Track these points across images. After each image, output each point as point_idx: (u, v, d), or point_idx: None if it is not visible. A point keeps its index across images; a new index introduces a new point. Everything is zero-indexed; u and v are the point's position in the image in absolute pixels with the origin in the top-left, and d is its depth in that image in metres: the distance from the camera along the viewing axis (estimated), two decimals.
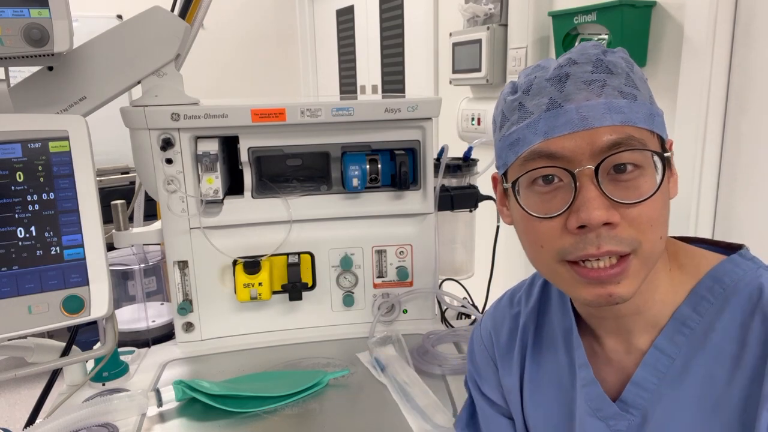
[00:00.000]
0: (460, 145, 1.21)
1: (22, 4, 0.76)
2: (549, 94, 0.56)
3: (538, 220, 0.56)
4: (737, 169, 1.49)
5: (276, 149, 1.09)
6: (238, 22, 4.03)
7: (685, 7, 1.47)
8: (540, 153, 0.56)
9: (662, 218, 0.55)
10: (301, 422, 0.87)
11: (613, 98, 0.54)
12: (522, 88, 0.59)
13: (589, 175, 0.53)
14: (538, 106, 0.56)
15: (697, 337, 0.57)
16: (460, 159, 1.21)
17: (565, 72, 0.56)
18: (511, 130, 0.59)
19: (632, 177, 0.54)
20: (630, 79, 0.56)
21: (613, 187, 0.54)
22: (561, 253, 0.56)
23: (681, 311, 0.58)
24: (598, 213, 0.52)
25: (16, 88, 0.91)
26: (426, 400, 0.88)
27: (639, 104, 0.55)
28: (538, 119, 0.56)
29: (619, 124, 0.53)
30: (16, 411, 2.76)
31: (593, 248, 0.53)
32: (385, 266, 1.17)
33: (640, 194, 0.53)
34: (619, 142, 0.53)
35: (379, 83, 3.34)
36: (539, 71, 0.59)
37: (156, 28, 0.96)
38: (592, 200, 0.52)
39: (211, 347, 1.12)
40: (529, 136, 0.57)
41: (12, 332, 0.75)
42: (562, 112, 0.55)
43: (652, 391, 0.58)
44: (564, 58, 0.58)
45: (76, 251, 0.78)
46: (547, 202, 0.56)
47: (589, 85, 0.55)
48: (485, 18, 2.18)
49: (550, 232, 0.56)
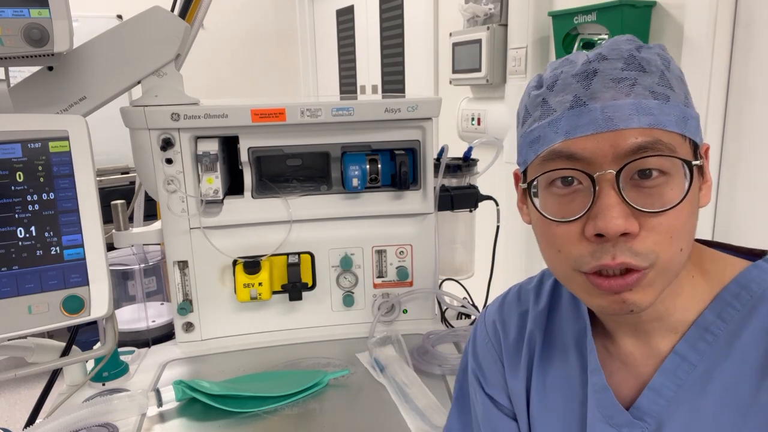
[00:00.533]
0: (460, 145, 1.21)
1: (22, 4, 0.76)
2: (574, 91, 0.53)
3: (555, 223, 0.54)
4: (737, 169, 1.49)
5: (276, 149, 1.09)
6: (238, 22, 4.04)
7: (685, 7, 1.48)
8: (560, 153, 0.53)
9: (686, 229, 0.52)
10: (301, 422, 0.87)
11: (643, 98, 0.51)
12: (547, 82, 0.56)
13: (610, 180, 0.50)
14: (562, 104, 0.53)
15: (721, 344, 0.54)
16: (460, 159, 1.21)
17: (593, 68, 0.53)
18: (532, 126, 0.56)
19: (657, 184, 0.50)
20: (664, 78, 0.52)
21: (636, 194, 0.50)
22: (577, 263, 0.53)
23: (705, 317, 0.56)
24: (616, 222, 0.49)
25: (16, 88, 0.91)
26: (425, 400, 0.88)
27: (671, 106, 0.52)
28: (560, 117, 0.53)
29: (647, 127, 0.50)
30: (16, 411, 2.76)
31: (608, 258, 0.51)
32: (385, 266, 1.17)
33: (663, 203, 0.50)
34: (645, 146, 0.50)
35: (379, 83, 3.34)
36: (567, 65, 0.56)
37: (156, 28, 0.96)
38: (612, 208, 0.50)
39: (211, 347, 1.12)
40: (549, 135, 0.54)
41: (12, 332, 0.75)
42: (585, 111, 0.52)
43: (669, 398, 0.56)
44: (594, 52, 0.54)
45: (76, 251, 0.78)
46: (565, 205, 0.54)
47: (618, 84, 0.51)
48: (485, 18, 2.18)
49: (567, 237, 0.53)
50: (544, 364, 0.67)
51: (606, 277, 0.52)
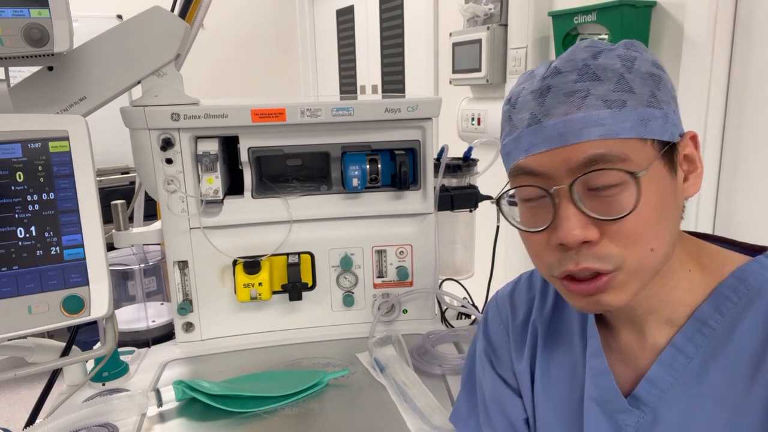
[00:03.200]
0: (460, 145, 1.21)
1: (22, 4, 0.76)
2: (530, 108, 0.55)
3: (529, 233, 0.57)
4: (737, 169, 1.49)
5: (276, 149, 1.09)
6: (238, 22, 4.04)
7: (685, 7, 1.48)
8: (522, 170, 0.56)
9: (651, 231, 0.53)
10: (301, 422, 0.87)
11: (594, 110, 0.52)
12: (512, 99, 0.59)
13: (566, 192, 0.53)
14: (522, 121, 0.56)
15: (718, 338, 0.55)
16: (460, 159, 1.21)
17: (546, 84, 0.55)
18: (504, 141, 0.60)
19: (613, 193, 0.52)
20: (623, 82, 0.53)
21: (593, 203, 0.52)
22: (549, 268, 0.57)
23: (702, 310, 0.57)
24: (574, 232, 0.52)
25: (16, 88, 0.91)
26: (424, 400, 0.88)
27: (628, 111, 0.52)
28: (520, 135, 0.56)
29: (598, 138, 0.51)
30: (16, 411, 2.76)
31: (572, 264, 0.54)
32: (385, 266, 1.17)
33: (621, 209, 0.51)
34: (594, 159, 0.51)
35: (379, 83, 3.34)
36: (528, 81, 0.58)
37: (156, 28, 0.96)
38: (569, 219, 0.52)
39: (211, 347, 1.12)
40: (514, 152, 0.57)
41: (12, 332, 0.75)
42: (540, 129, 0.54)
43: (666, 389, 0.57)
44: (552, 66, 0.56)
45: (76, 251, 0.78)
46: (534, 216, 0.57)
47: (569, 98, 0.53)
48: (485, 18, 2.18)
49: (539, 245, 0.56)
50: (549, 348, 0.69)
51: (578, 282, 0.55)
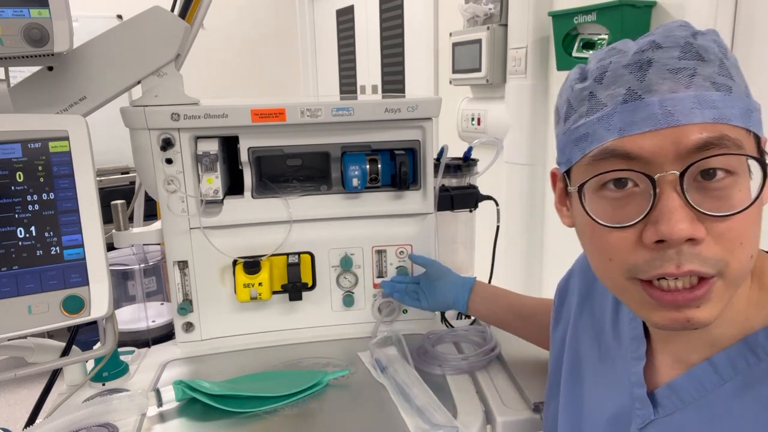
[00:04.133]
0: (460, 145, 1.21)
1: (22, 4, 0.76)
2: (627, 83, 0.48)
3: (608, 229, 0.49)
4: None
5: (276, 149, 1.09)
6: (238, 22, 4.04)
7: (685, 7, 1.48)
8: (613, 152, 0.48)
9: (755, 233, 0.47)
10: (301, 422, 0.87)
11: (705, 90, 0.46)
12: (593, 75, 0.51)
13: (673, 181, 0.45)
14: (613, 98, 0.48)
15: (761, 371, 0.49)
16: (460, 159, 1.21)
17: (647, 58, 0.47)
18: (578, 123, 0.51)
19: (724, 185, 0.46)
20: (724, 67, 0.48)
21: (701, 196, 0.46)
22: (632, 270, 0.48)
23: (756, 337, 0.50)
24: (681, 227, 0.44)
25: (16, 88, 0.91)
26: (425, 399, 0.88)
27: (734, 97, 0.47)
28: (612, 113, 0.48)
29: (711, 122, 0.45)
30: (16, 411, 2.76)
31: (672, 267, 0.46)
32: (385, 266, 1.17)
33: (731, 206, 0.45)
34: (710, 142, 0.45)
35: (379, 83, 3.34)
36: (615, 55, 0.50)
37: (156, 28, 0.96)
38: (675, 211, 0.45)
39: (211, 347, 1.12)
40: (600, 132, 0.48)
41: (12, 332, 0.75)
42: (642, 106, 0.46)
43: (687, 402, 0.53)
44: (645, 40, 0.49)
45: (76, 251, 0.78)
46: (618, 209, 0.49)
47: (675, 74, 0.46)
48: (485, 18, 2.18)
49: (621, 245, 0.48)
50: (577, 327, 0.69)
51: (667, 291, 0.47)
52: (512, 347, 1.03)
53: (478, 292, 1.01)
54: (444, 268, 1.09)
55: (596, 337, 0.68)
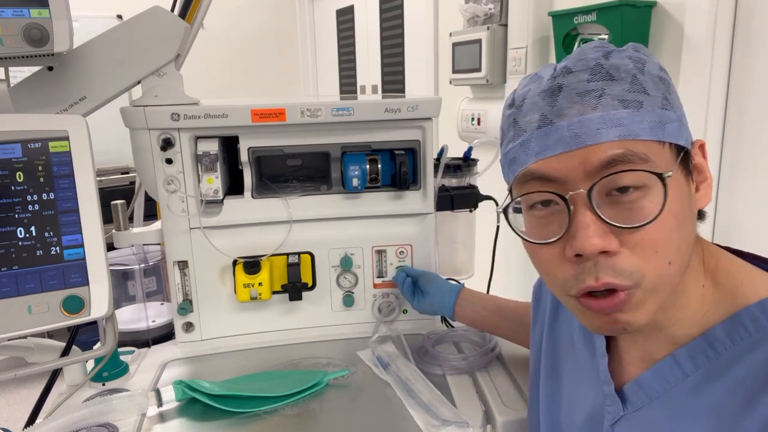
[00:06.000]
0: (460, 145, 1.21)
1: (22, 4, 0.76)
2: (541, 109, 0.52)
3: (538, 245, 0.53)
4: (737, 169, 1.49)
5: (276, 149, 1.09)
6: (238, 22, 4.04)
7: (685, 7, 1.48)
8: (533, 175, 0.52)
9: (673, 241, 0.50)
10: (301, 422, 0.87)
11: (612, 109, 0.49)
12: (517, 101, 0.55)
13: (583, 198, 0.49)
14: (530, 123, 0.52)
15: (721, 364, 0.51)
16: (460, 159, 1.21)
17: (557, 84, 0.51)
18: (508, 147, 0.56)
19: (634, 198, 0.49)
20: (636, 83, 0.50)
21: (613, 210, 0.49)
22: (564, 287, 0.53)
23: (714, 332, 0.52)
24: (593, 241, 0.48)
25: (16, 88, 0.91)
26: (430, 395, 0.88)
27: (645, 112, 0.49)
28: (530, 138, 0.52)
29: (617, 139, 0.48)
30: (16, 411, 2.76)
31: (592, 279, 0.50)
32: (385, 266, 1.17)
33: (643, 216, 0.48)
34: (615, 159, 0.48)
35: (379, 83, 3.34)
36: (534, 82, 0.54)
37: (156, 28, 0.96)
38: (587, 227, 0.48)
39: (211, 347, 1.12)
40: (522, 156, 0.53)
41: (12, 332, 0.75)
42: (553, 130, 0.50)
43: (653, 398, 0.55)
44: (560, 66, 0.53)
45: (76, 251, 0.78)
46: (545, 226, 0.53)
47: (583, 97, 0.50)
48: (485, 18, 2.18)
49: (551, 259, 0.53)
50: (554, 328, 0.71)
51: (596, 298, 0.51)
52: (512, 347, 1.03)
53: (465, 296, 1.03)
54: (434, 275, 1.11)
55: (571, 339, 0.70)
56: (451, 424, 0.81)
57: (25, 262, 0.76)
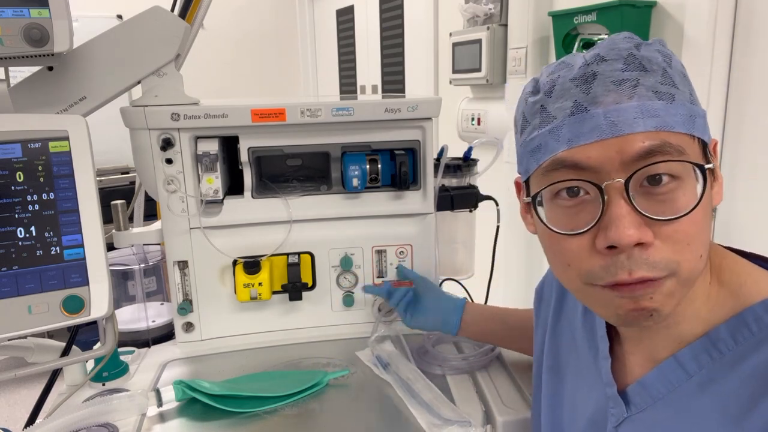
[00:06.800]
0: (460, 145, 1.21)
1: (22, 4, 0.76)
2: (573, 96, 0.50)
3: (563, 236, 0.51)
4: (737, 169, 1.49)
5: (276, 149, 1.09)
6: (238, 22, 4.04)
7: (685, 7, 1.48)
8: (563, 163, 0.50)
9: (703, 234, 0.50)
10: (301, 422, 0.87)
11: (647, 100, 0.48)
12: (544, 88, 0.54)
13: (619, 188, 0.48)
14: (562, 110, 0.51)
15: (724, 364, 0.51)
16: (460, 159, 1.21)
17: (591, 71, 0.50)
18: (532, 135, 0.54)
19: (669, 189, 0.48)
20: (667, 76, 0.50)
21: (647, 202, 0.48)
22: (589, 277, 0.51)
23: (718, 332, 0.52)
24: (629, 232, 0.47)
25: (16, 88, 0.91)
26: (431, 394, 0.88)
27: (677, 105, 0.49)
28: (561, 125, 0.51)
29: (654, 130, 0.48)
30: (16, 411, 2.76)
31: (625, 274, 0.48)
32: (385, 266, 1.17)
33: (677, 209, 0.48)
34: (653, 150, 0.47)
35: (379, 83, 3.34)
36: (563, 69, 0.53)
37: (156, 28, 0.96)
38: (623, 217, 0.47)
39: (211, 347, 1.12)
40: (551, 144, 0.51)
41: (12, 332, 0.75)
42: (588, 117, 0.49)
43: (656, 398, 0.55)
44: (591, 54, 0.52)
45: (76, 251, 0.78)
46: (572, 216, 0.51)
47: (619, 86, 0.49)
48: (485, 18, 2.18)
49: (577, 251, 0.51)
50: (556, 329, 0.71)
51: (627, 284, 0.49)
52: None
53: (469, 312, 0.99)
54: (431, 285, 1.08)
55: (573, 340, 0.70)
56: (454, 424, 0.81)
57: (25, 262, 0.76)
